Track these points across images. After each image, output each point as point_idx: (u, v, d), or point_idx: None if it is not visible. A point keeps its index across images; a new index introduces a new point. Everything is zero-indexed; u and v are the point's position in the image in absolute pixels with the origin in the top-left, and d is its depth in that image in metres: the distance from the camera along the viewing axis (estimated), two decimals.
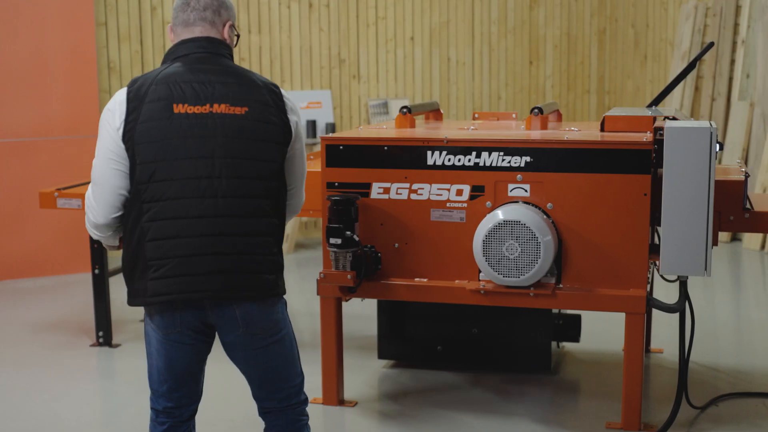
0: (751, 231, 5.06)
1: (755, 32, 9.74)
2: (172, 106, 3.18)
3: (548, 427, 4.81)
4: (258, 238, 3.23)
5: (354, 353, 5.86)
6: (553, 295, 4.60)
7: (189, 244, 3.16)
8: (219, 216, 3.17)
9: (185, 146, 3.17)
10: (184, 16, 3.35)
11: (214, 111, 3.19)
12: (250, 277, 3.22)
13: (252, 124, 3.22)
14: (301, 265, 8.89)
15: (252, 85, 3.28)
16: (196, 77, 3.24)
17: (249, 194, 3.20)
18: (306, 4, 9.92)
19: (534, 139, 4.65)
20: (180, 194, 3.16)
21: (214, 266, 3.17)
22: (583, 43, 11.65)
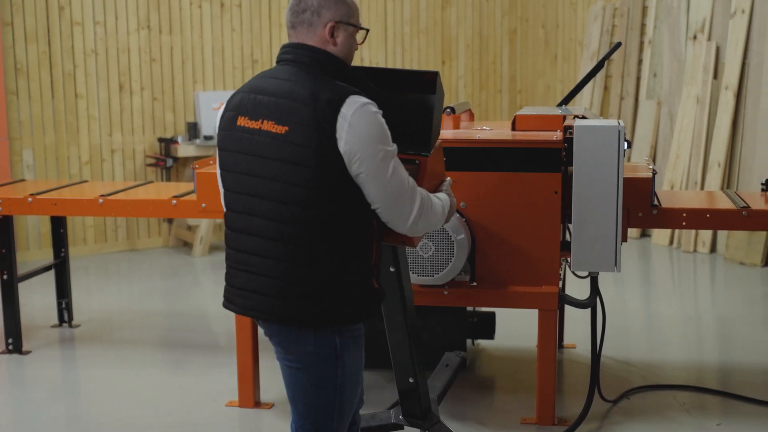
0: (659, 227, 5.16)
1: (661, 32, 9.94)
2: (237, 119, 3.13)
3: (464, 424, 4.84)
4: (283, 263, 3.05)
5: (270, 355, 5.79)
6: (468, 294, 4.63)
7: (232, 257, 3.19)
8: (252, 235, 3.10)
9: (237, 160, 3.12)
10: (287, 19, 3.21)
11: (262, 128, 3.06)
12: (270, 301, 3.10)
13: (288, 146, 3.00)
14: (216, 267, 8.81)
15: (304, 102, 3.00)
16: (261, 89, 3.11)
17: (279, 218, 3.04)
18: (218, 4, 9.84)
19: (446, 138, 4.65)
20: (232, 207, 3.17)
21: (246, 283, 3.14)
22: (494, 43, 11.76)
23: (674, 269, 8.74)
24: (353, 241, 3.08)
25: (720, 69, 9.14)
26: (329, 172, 2.98)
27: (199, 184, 5.13)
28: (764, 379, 5.47)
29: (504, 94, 11.92)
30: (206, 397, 5.24)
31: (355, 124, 2.96)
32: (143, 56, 9.47)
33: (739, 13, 8.89)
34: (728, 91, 8.92)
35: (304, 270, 3.04)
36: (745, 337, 6.37)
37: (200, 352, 6.09)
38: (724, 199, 5.15)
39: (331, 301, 3.07)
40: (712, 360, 6.03)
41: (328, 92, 3.00)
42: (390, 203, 3.06)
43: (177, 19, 9.63)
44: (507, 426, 4.79)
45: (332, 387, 3.20)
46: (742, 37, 8.85)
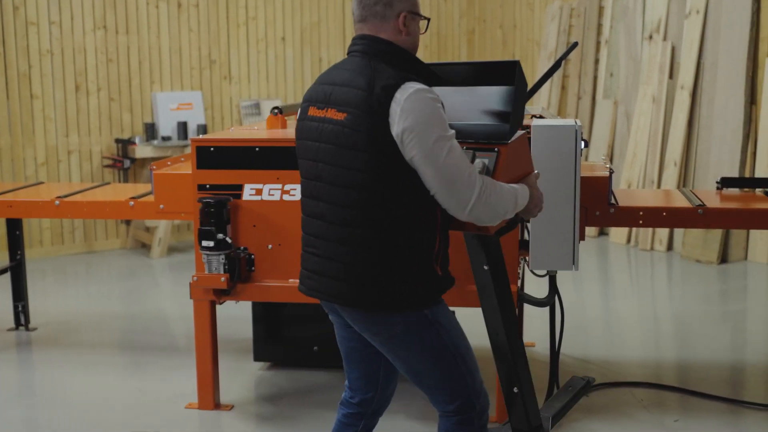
0: (616, 225, 5.20)
1: (617, 32, 10.02)
2: (309, 109, 3.26)
3: (424, 422, 4.85)
4: (344, 246, 3.13)
5: (230, 356, 5.81)
6: None
7: (305, 241, 3.31)
8: (318, 218, 3.22)
9: (307, 148, 3.24)
10: (355, 13, 3.28)
11: (326, 116, 3.16)
12: (335, 284, 3.18)
13: (345, 132, 3.08)
14: (174, 268, 8.77)
15: (361, 89, 3.07)
16: (328, 80, 3.23)
17: (339, 202, 3.13)
18: (175, 4, 9.78)
19: None
20: (305, 192, 3.29)
21: (314, 266, 3.25)
22: (452, 44, 11.80)
23: (632, 267, 8.81)
24: (412, 226, 3.11)
25: (675, 69, 9.23)
26: (384, 156, 3.04)
27: (157, 185, 5.10)
28: (721, 375, 5.53)
29: None
30: (165, 399, 5.21)
31: (408, 109, 3.00)
32: (100, 56, 9.40)
33: (694, 13, 8.98)
34: (684, 91, 9.01)
35: (364, 253, 3.10)
36: (702, 334, 6.44)
37: (159, 354, 6.05)
38: (680, 197, 5.20)
39: (390, 285, 3.11)
40: (669, 357, 6.09)
41: (384, 79, 3.06)
42: (445, 188, 3.05)
43: (134, 19, 9.56)
44: None
45: (446, 353, 3.25)
46: (697, 37, 8.94)
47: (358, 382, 3.49)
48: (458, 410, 3.33)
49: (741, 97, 8.57)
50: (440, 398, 3.33)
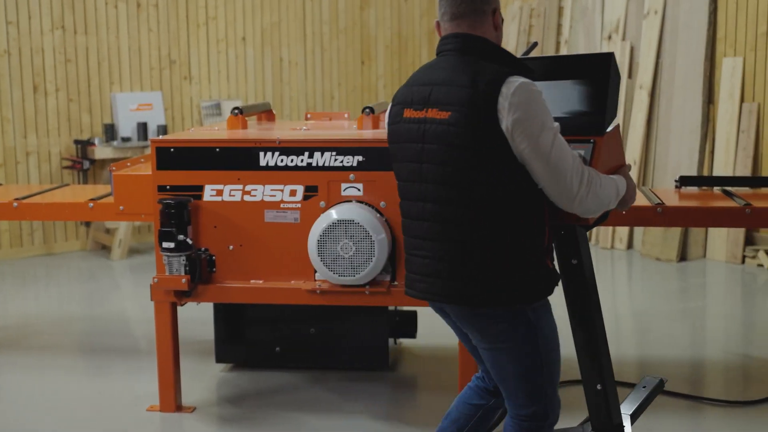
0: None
1: (577, 33, 10.08)
2: (404, 111, 3.26)
3: (387, 422, 4.85)
4: (457, 245, 3.14)
5: (191, 358, 5.79)
6: (389, 293, 4.64)
7: (409, 244, 3.31)
8: (425, 220, 3.20)
9: (407, 150, 3.24)
10: (446, 11, 3.24)
11: (427, 116, 3.16)
12: (448, 284, 3.18)
13: (451, 130, 3.08)
14: (135, 270, 8.71)
15: (464, 87, 3.07)
16: (424, 81, 3.22)
17: (448, 201, 3.13)
18: (134, 4, 9.72)
19: (366, 138, 4.68)
20: (406, 195, 3.30)
21: (422, 268, 3.25)
22: (413, 44, 11.81)
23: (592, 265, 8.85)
24: (522, 221, 3.14)
25: (634, 68, 9.30)
26: (492, 152, 3.05)
27: (117, 186, 5.07)
28: (680, 372, 5.58)
29: None
30: (127, 402, 5.18)
31: (515, 102, 3.01)
32: (58, 57, 9.32)
33: (652, 13, 9.06)
34: (642, 90, 9.08)
35: (477, 251, 3.11)
36: (662, 331, 6.49)
37: (120, 356, 6.01)
38: (640, 196, 5.24)
39: (505, 281, 3.14)
40: (630, 354, 6.13)
41: (487, 75, 3.07)
42: (554, 179, 3.07)
43: (92, 18, 9.49)
44: (430, 424, 4.81)
45: (537, 358, 3.26)
46: (655, 37, 9.02)
47: (489, 373, 3.51)
48: (532, 416, 3.35)
49: (699, 96, 8.66)
50: (517, 401, 3.34)
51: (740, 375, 5.54)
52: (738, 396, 5.07)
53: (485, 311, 3.19)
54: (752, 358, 5.87)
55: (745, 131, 8.39)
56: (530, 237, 3.17)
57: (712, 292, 7.78)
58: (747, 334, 6.42)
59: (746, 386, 5.36)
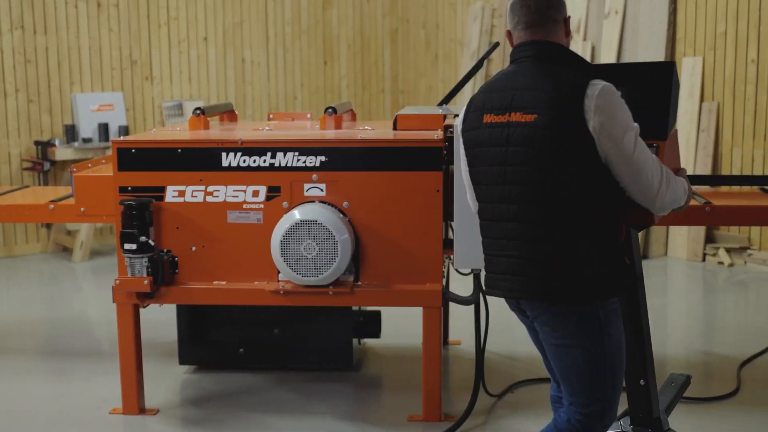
0: None
1: None
2: (483, 116, 3.33)
3: (352, 422, 4.85)
4: (544, 244, 3.22)
5: (154, 360, 5.75)
6: (352, 293, 4.65)
7: (492, 245, 3.38)
8: (509, 221, 3.28)
9: (488, 155, 3.31)
10: (523, 18, 3.35)
11: (510, 120, 3.24)
12: (535, 282, 3.26)
13: (537, 133, 3.17)
14: (97, 272, 8.65)
15: (547, 90, 3.18)
16: (503, 87, 3.30)
17: (533, 201, 3.21)
18: (94, 4, 9.64)
19: (328, 138, 4.68)
20: (486, 198, 3.37)
21: (507, 268, 3.32)
22: (376, 44, 11.82)
23: None
24: (605, 219, 3.25)
25: None
26: (576, 153, 3.16)
27: (78, 187, 5.03)
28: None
29: (386, 94, 11.99)
30: (89, 405, 5.14)
31: (602, 105, 3.13)
32: (17, 57, 9.23)
33: (613, 13, 9.12)
34: None
35: (563, 250, 3.21)
36: None
37: (82, 359, 5.97)
38: None
39: (589, 277, 3.22)
40: None
41: (569, 79, 3.20)
42: (636, 178, 3.20)
43: (52, 18, 9.41)
44: (394, 424, 4.82)
45: (603, 359, 3.31)
46: (616, 37, 9.08)
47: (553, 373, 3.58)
48: (590, 415, 3.39)
49: None
50: (578, 399, 3.39)
51: (702, 372, 5.59)
52: (700, 393, 5.11)
53: (561, 307, 3.28)
54: (713, 355, 5.93)
55: (704, 130, 8.47)
56: (610, 234, 3.28)
57: (673, 290, 7.85)
58: (708, 331, 6.48)
59: (708, 383, 5.41)
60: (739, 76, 8.28)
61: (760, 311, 7.10)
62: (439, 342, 4.71)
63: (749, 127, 8.20)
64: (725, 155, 8.39)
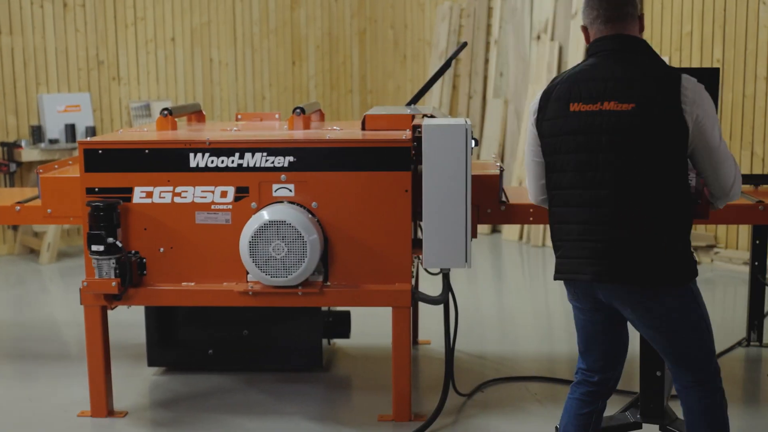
0: (507, 222, 5.28)
1: (506, 33, 10.17)
2: (569, 105, 3.44)
3: (322, 423, 4.85)
4: (636, 228, 3.36)
5: (123, 362, 5.72)
6: (321, 293, 4.64)
7: (574, 231, 3.47)
8: (598, 206, 3.39)
9: (575, 141, 3.42)
10: (602, 14, 3.50)
11: (603, 109, 3.37)
12: (620, 265, 3.38)
13: (635, 120, 3.32)
14: (64, 274, 8.59)
15: (644, 80, 3.35)
16: (593, 76, 3.43)
17: (627, 187, 3.35)
18: (60, 4, 9.58)
19: (297, 139, 4.68)
20: (570, 185, 3.46)
21: (592, 252, 3.42)
22: (344, 44, 11.82)
23: (524, 263, 8.95)
24: (684, 203, 3.42)
25: (563, 68, 9.40)
26: (671, 142, 3.33)
27: (44, 189, 5.00)
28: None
29: (355, 95, 11.98)
30: (57, 408, 5.10)
31: (697, 99, 3.32)
32: None
33: (580, 13, 9.15)
34: None
35: (655, 232, 3.35)
36: None
37: (50, 362, 5.92)
38: None
39: (682, 259, 3.40)
40: (562, 351, 6.20)
41: (661, 71, 3.38)
42: (718, 169, 3.42)
43: (17, 19, 9.33)
44: (364, 424, 4.82)
45: (703, 330, 3.52)
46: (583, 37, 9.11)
47: (598, 363, 3.70)
48: (703, 380, 3.55)
49: None
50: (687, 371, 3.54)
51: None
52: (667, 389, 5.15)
53: (658, 290, 3.41)
54: None
55: None
56: (689, 220, 3.46)
57: None
58: None
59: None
60: None
61: (727, 309, 7.16)
62: (409, 342, 4.72)
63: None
64: None
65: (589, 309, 3.63)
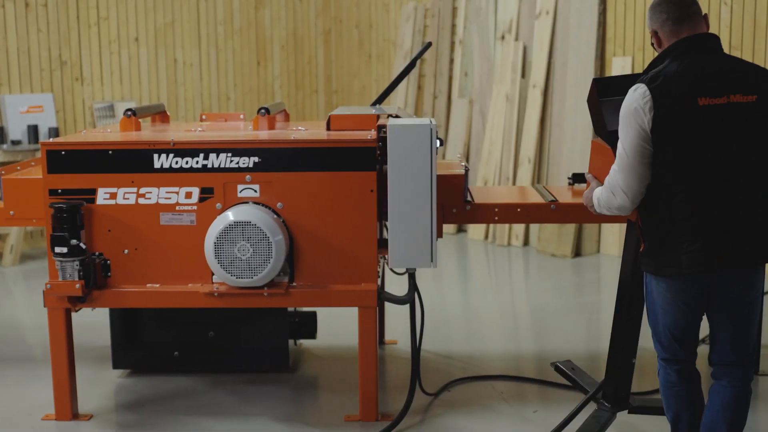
0: (472, 222, 5.29)
1: (471, 33, 10.19)
2: (697, 100, 3.52)
3: (289, 424, 4.84)
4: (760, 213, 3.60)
5: (88, 365, 5.68)
6: (287, 294, 4.64)
7: (707, 222, 3.57)
8: (734, 195, 3.56)
9: (706, 134, 3.53)
10: (665, 17, 3.66)
11: (730, 101, 3.53)
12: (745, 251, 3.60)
13: (759, 110, 3.54)
14: (28, 276, 8.51)
15: (756, 73, 3.59)
16: (708, 72, 3.56)
17: (753, 174, 3.58)
18: (22, 4, 9.49)
19: (261, 139, 4.67)
20: (700, 177, 3.56)
21: (728, 241, 3.57)
22: (309, 44, 11.80)
23: (490, 263, 8.98)
24: None
25: (528, 68, 9.44)
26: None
27: (7, 190, 4.96)
28: (577, 365, 5.68)
29: (320, 95, 11.97)
30: (21, 411, 5.06)
31: None
32: None
33: (544, 14, 9.21)
34: (536, 89, 9.23)
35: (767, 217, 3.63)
36: (558, 326, 6.61)
37: (14, 365, 5.87)
38: (534, 193, 5.32)
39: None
40: (528, 349, 6.23)
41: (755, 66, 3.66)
42: None
43: None
44: (331, 424, 4.82)
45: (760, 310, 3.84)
46: (547, 37, 9.17)
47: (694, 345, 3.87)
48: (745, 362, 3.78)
49: None
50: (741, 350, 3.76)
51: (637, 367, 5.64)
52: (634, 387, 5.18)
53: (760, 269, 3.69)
54: (647, 350, 5.99)
55: None
56: None
57: (606, 287, 7.93)
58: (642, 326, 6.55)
59: (640, 378, 5.48)
60: None
61: None
62: (375, 342, 4.72)
63: None
64: None
65: (694, 299, 3.71)
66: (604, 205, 3.80)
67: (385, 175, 4.51)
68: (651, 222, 3.68)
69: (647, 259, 3.74)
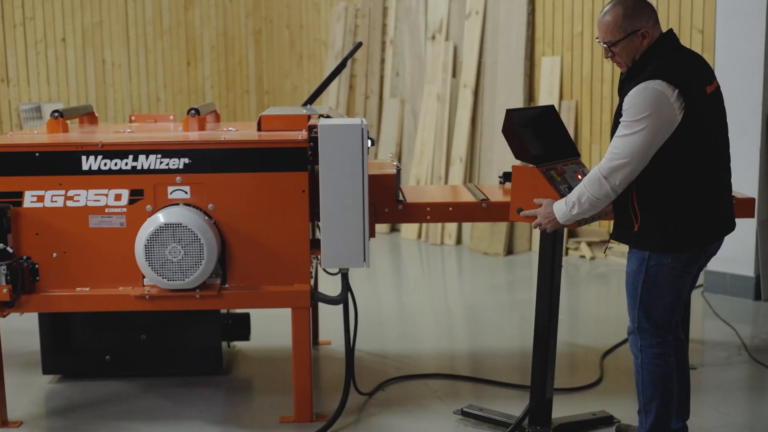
0: (405, 221, 5.31)
1: (402, 33, 10.22)
2: (705, 88, 3.89)
3: (223, 427, 4.81)
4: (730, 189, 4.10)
5: (17, 371, 5.59)
6: (219, 296, 4.61)
7: (711, 195, 3.93)
8: (725, 172, 4.02)
9: (714, 119, 3.95)
10: (656, 17, 3.94)
11: (716, 88, 3.99)
12: (731, 217, 4.08)
13: (721, 94, 4.05)
14: None
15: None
16: (692, 62, 3.93)
17: (728, 152, 4.05)
18: None
19: (192, 140, 4.64)
20: (711, 157, 3.93)
21: (726, 210, 4.03)
22: (240, 44, 11.75)
23: (423, 262, 9.01)
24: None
25: (458, 67, 9.50)
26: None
27: None
28: (510, 362, 5.73)
29: (251, 95, 11.92)
30: None
31: None
32: None
33: (474, 14, 9.27)
34: (467, 89, 9.29)
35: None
36: (491, 323, 6.66)
37: None
38: (466, 192, 5.35)
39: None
40: (462, 347, 6.27)
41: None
42: None
43: None
44: (266, 426, 4.80)
45: None
46: (477, 37, 9.23)
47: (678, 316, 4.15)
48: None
49: (520, 94, 8.91)
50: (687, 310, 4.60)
51: (567, 363, 5.73)
52: (565, 383, 5.24)
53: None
54: (577, 346, 6.09)
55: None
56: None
57: None
58: (572, 323, 6.65)
59: (573, 373, 5.55)
60: (595, 75, 8.53)
61: (621, 303, 7.29)
62: (309, 342, 4.71)
63: (606, 124, 8.45)
64: (584, 151, 8.62)
65: (700, 267, 4.08)
66: (589, 199, 3.91)
67: (317, 176, 4.51)
68: (655, 202, 3.88)
69: (647, 239, 3.93)
